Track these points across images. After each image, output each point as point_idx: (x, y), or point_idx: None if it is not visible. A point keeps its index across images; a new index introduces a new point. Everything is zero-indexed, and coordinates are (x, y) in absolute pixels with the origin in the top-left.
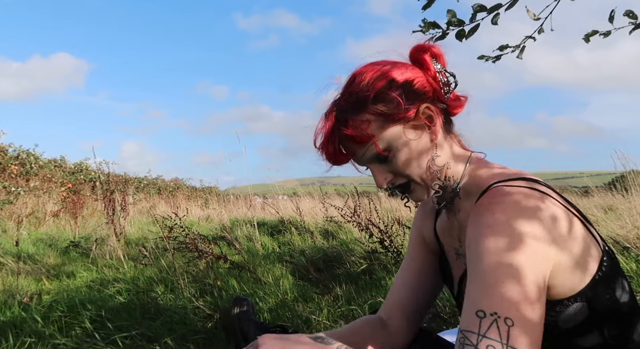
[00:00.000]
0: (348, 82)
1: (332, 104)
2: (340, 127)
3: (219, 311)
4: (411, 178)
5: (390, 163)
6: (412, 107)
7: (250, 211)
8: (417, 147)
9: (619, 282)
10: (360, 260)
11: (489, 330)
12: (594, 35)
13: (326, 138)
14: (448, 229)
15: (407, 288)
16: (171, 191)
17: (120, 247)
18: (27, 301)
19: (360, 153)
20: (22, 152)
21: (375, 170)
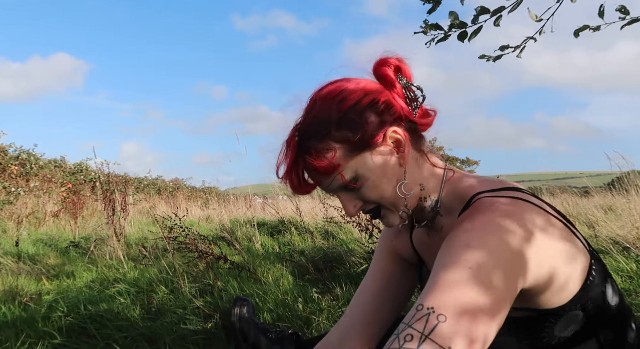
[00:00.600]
0: (309, 106)
1: (294, 130)
2: (304, 157)
3: (219, 311)
4: (381, 204)
5: (358, 191)
6: (379, 132)
7: (250, 211)
8: (385, 173)
9: (608, 285)
10: (360, 260)
11: (417, 322)
12: (584, 30)
13: (289, 168)
14: (429, 245)
15: (372, 303)
16: (171, 191)
17: (120, 247)
18: (27, 301)
19: (327, 183)
20: (22, 152)
21: (344, 198)
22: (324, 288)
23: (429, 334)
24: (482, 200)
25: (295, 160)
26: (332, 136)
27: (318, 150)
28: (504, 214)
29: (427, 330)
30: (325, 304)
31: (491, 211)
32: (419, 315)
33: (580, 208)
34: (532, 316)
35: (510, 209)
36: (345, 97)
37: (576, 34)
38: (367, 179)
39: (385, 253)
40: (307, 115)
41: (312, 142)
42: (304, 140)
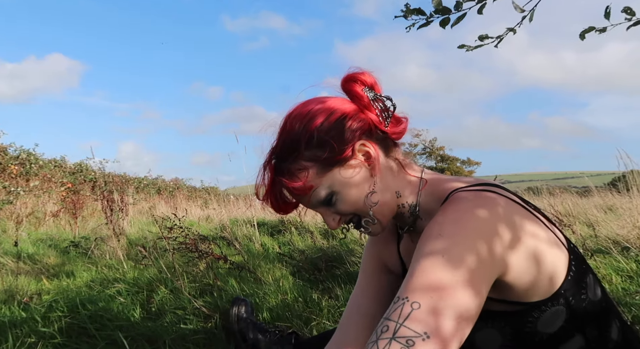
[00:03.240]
0: (281, 128)
1: (270, 153)
2: (280, 179)
3: (218, 311)
4: (359, 215)
5: (334, 206)
6: (347, 147)
7: (250, 211)
8: (357, 186)
9: (589, 279)
10: (360, 260)
11: (393, 313)
12: (590, 31)
13: (268, 191)
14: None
15: (364, 319)
16: (171, 191)
17: (120, 247)
18: (27, 301)
19: (305, 201)
20: (22, 152)
21: (324, 213)
22: (323, 288)
23: (403, 321)
24: (457, 194)
25: (273, 183)
26: (303, 156)
27: (291, 172)
28: (475, 203)
29: (401, 318)
30: (325, 304)
31: (463, 202)
32: (394, 307)
33: (580, 208)
34: (514, 310)
35: (482, 199)
36: (313, 117)
37: (582, 36)
38: (340, 193)
39: (374, 267)
40: (279, 137)
41: (286, 164)
42: (279, 162)
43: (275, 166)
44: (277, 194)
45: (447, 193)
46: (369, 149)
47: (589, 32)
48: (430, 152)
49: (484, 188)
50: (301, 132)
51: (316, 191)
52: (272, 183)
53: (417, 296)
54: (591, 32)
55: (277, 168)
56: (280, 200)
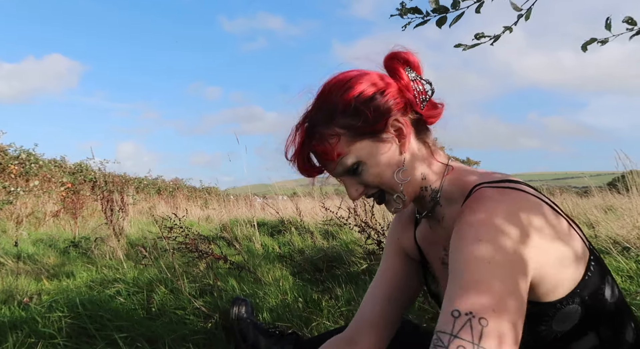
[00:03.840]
0: (318, 94)
1: (304, 116)
2: (311, 142)
3: (218, 311)
4: (383, 188)
5: (359, 176)
6: (382, 120)
7: (250, 211)
8: (386, 160)
9: (607, 280)
10: (360, 260)
11: (461, 330)
12: (592, 43)
13: (297, 152)
14: (431, 239)
15: (381, 302)
16: (171, 191)
17: (120, 247)
18: (27, 301)
19: (331, 167)
20: (22, 152)
21: (347, 182)
22: (324, 288)
23: (479, 342)
24: (482, 190)
25: (303, 144)
26: (337, 123)
27: (323, 136)
28: (507, 204)
29: (476, 338)
30: (325, 305)
31: (493, 201)
32: (460, 323)
33: (580, 208)
34: (531, 310)
35: (512, 198)
36: (352, 86)
37: (584, 48)
38: (368, 164)
39: (393, 251)
40: (316, 102)
41: (319, 128)
42: (312, 126)
43: (308, 129)
44: (305, 156)
45: (471, 187)
46: (402, 126)
47: (590, 44)
48: None
49: (510, 186)
50: (339, 99)
51: (344, 158)
52: (302, 145)
53: (482, 312)
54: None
55: (309, 131)
56: (307, 162)
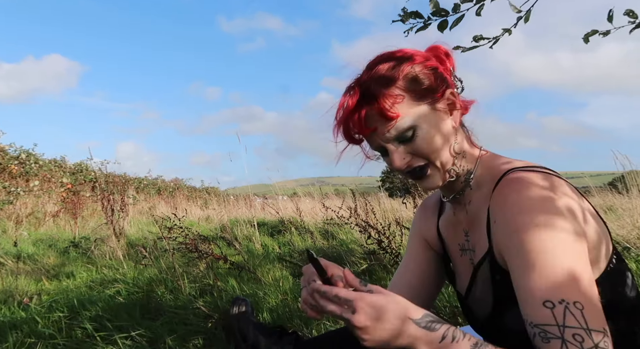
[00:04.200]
0: (376, 59)
1: (357, 81)
2: (368, 100)
3: (218, 311)
4: (430, 160)
5: (411, 143)
6: (441, 88)
7: (250, 211)
8: (440, 130)
9: (627, 276)
10: (360, 260)
11: (566, 319)
12: (594, 34)
13: (350, 110)
14: (453, 225)
15: (408, 292)
16: (171, 191)
17: (120, 247)
18: (27, 301)
19: (384, 130)
20: (22, 152)
21: (394, 150)
22: None
23: (587, 325)
24: (517, 173)
25: (359, 102)
26: (398, 84)
27: (383, 95)
28: (550, 186)
29: (582, 323)
30: None
31: (537, 185)
32: (559, 311)
33: None
34: None
35: (553, 181)
36: (412, 56)
37: (585, 39)
38: (423, 131)
39: (418, 244)
40: (373, 65)
41: (378, 87)
42: (370, 85)
43: (365, 89)
44: (362, 114)
45: (503, 171)
46: (455, 100)
47: (592, 35)
48: None
49: (542, 170)
50: (401, 64)
51: (401, 121)
52: (359, 102)
53: (573, 296)
54: (595, 35)
55: (368, 89)
56: (363, 121)
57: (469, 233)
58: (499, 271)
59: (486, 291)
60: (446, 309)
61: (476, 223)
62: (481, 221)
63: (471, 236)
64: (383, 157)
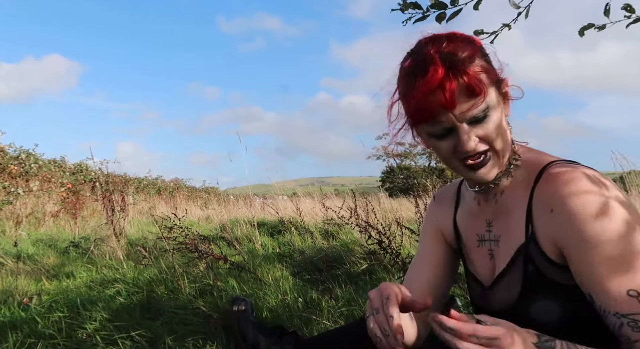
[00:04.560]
0: (449, 36)
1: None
2: (458, 73)
3: (218, 311)
4: (493, 146)
5: (482, 125)
6: (502, 75)
7: (250, 211)
8: (502, 117)
9: None
10: (360, 261)
11: None
12: (590, 28)
13: (438, 82)
14: (474, 215)
15: (425, 287)
16: (171, 191)
17: (120, 247)
18: (27, 301)
19: (464, 106)
20: (22, 152)
21: (467, 131)
22: (324, 289)
23: None
24: (566, 166)
25: (446, 75)
26: (478, 61)
27: (472, 68)
28: (602, 178)
29: None
30: (325, 305)
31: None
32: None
33: None
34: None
35: (599, 174)
36: (474, 38)
37: (581, 32)
38: (494, 114)
39: (432, 236)
40: (447, 41)
41: (467, 60)
42: (456, 57)
43: (453, 58)
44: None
45: (545, 163)
46: (508, 90)
47: (588, 29)
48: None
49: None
50: (473, 43)
51: (485, 97)
52: (447, 74)
53: None
54: (590, 29)
55: (454, 61)
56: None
57: (493, 223)
58: (533, 262)
59: (514, 281)
60: None
61: (507, 214)
62: (515, 212)
63: (496, 227)
64: (438, 140)
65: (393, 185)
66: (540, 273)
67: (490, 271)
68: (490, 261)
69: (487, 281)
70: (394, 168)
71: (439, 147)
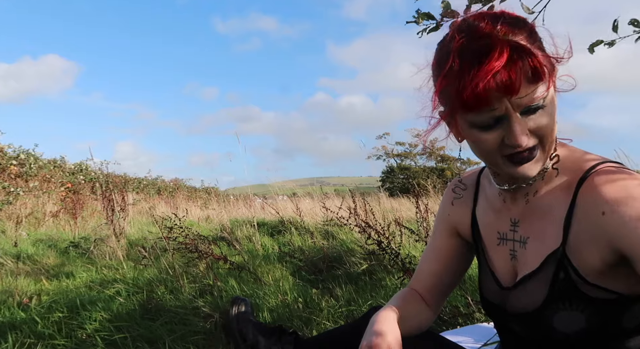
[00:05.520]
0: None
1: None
2: (523, 53)
3: (218, 311)
4: (542, 141)
5: (535, 116)
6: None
7: (250, 211)
8: (555, 108)
9: None
10: (360, 261)
11: None
12: (599, 45)
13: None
14: (497, 212)
15: (431, 278)
16: (171, 191)
17: (119, 248)
18: (27, 301)
19: (524, 92)
20: (21, 152)
21: (520, 123)
22: (323, 289)
23: None
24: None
25: (511, 54)
26: (538, 45)
27: (537, 51)
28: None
29: None
30: (325, 305)
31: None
32: None
33: None
34: (611, 298)
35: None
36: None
37: (591, 49)
38: (550, 105)
39: (444, 229)
40: (505, 19)
41: (530, 43)
42: (518, 38)
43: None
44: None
45: (590, 165)
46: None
47: (597, 46)
48: (430, 152)
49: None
50: (527, 23)
51: (543, 85)
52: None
53: None
54: (600, 45)
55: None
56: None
57: (521, 223)
58: (565, 270)
59: (540, 287)
60: (446, 309)
61: (541, 215)
62: (551, 215)
63: (523, 228)
64: (483, 131)
65: (393, 185)
66: (571, 281)
67: (510, 272)
68: (511, 261)
69: (506, 281)
70: (394, 168)
71: (482, 140)
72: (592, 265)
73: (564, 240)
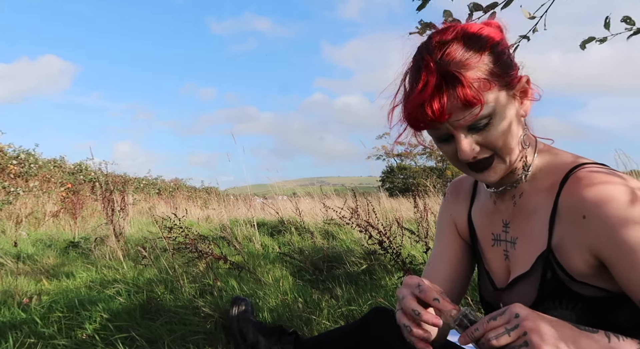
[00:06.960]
0: (453, 36)
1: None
2: (451, 84)
3: (218, 311)
4: (498, 153)
5: (483, 133)
6: (516, 73)
7: (250, 211)
8: (512, 120)
9: None
10: (360, 261)
11: None
12: (590, 41)
13: (429, 94)
14: (490, 213)
15: (444, 283)
16: (171, 191)
17: (119, 247)
18: (27, 301)
19: (459, 116)
20: (21, 152)
21: (464, 139)
22: (324, 288)
23: None
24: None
25: (439, 86)
26: (480, 67)
27: (467, 79)
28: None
29: None
30: (325, 305)
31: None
32: None
33: None
34: (600, 296)
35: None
36: (489, 34)
37: (582, 46)
38: (497, 120)
39: (449, 231)
40: (451, 44)
41: (461, 70)
42: (450, 65)
43: (447, 67)
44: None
45: (571, 166)
46: (528, 88)
47: (589, 42)
48: (430, 152)
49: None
50: (481, 43)
51: (482, 107)
52: (438, 86)
53: None
54: (592, 42)
55: (448, 71)
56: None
57: (511, 224)
58: (552, 269)
59: (531, 287)
60: None
61: (527, 217)
62: (536, 216)
63: (513, 228)
64: (442, 144)
65: (393, 185)
66: (559, 280)
67: (505, 272)
68: (505, 261)
69: (501, 282)
70: (394, 168)
71: (443, 150)
72: (577, 265)
73: (549, 240)
